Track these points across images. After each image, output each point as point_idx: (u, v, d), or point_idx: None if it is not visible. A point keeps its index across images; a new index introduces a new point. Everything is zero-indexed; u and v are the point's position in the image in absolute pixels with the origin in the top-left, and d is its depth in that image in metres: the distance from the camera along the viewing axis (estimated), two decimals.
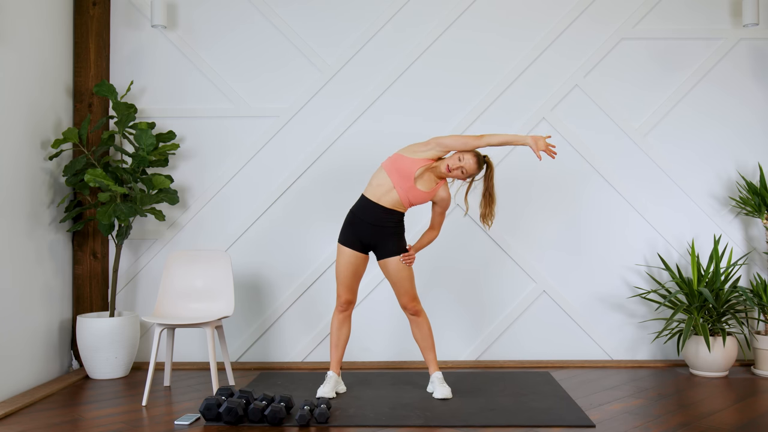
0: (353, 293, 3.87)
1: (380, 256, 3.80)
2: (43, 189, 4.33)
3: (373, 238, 3.76)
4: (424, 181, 3.72)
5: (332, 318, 3.92)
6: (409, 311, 3.87)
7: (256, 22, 4.82)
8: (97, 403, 3.84)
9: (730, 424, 3.34)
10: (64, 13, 4.60)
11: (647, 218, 4.74)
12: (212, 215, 4.79)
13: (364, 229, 3.75)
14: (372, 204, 3.74)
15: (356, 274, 3.82)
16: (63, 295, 4.55)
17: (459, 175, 3.69)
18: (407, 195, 3.70)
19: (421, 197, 3.73)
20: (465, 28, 4.80)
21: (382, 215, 3.73)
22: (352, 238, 3.78)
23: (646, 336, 4.71)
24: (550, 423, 3.36)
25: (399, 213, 3.78)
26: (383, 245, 3.77)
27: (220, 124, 4.80)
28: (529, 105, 4.78)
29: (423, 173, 3.71)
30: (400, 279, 3.80)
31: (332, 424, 3.37)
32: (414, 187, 3.69)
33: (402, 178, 3.68)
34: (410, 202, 3.74)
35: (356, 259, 3.79)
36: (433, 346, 3.92)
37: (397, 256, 3.77)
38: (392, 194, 3.71)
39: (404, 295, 3.83)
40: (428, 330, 3.90)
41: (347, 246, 3.78)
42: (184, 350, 4.72)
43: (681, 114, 4.77)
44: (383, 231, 3.75)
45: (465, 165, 3.67)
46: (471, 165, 3.68)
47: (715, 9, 4.78)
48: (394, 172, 3.69)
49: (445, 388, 3.82)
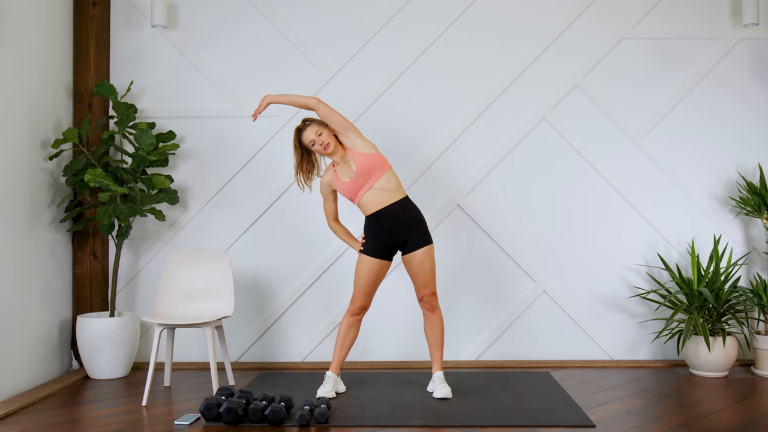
0: (369, 300, 3.89)
1: (409, 250, 3.81)
2: (43, 189, 4.33)
3: (402, 236, 3.79)
4: (347, 161, 3.81)
5: (342, 319, 3.92)
6: (426, 305, 3.87)
7: (256, 22, 4.82)
8: (97, 403, 3.84)
9: (730, 424, 3.34)
10: (63, 13, 4.60)
11: (647, 218, 4.74)
12: (212, 215, 4.80)
13: (390, 234, 3.79)
14: (385, 212, 3.76)
15: (377, 281, 3.86)
16: (63, 295, 4.55)
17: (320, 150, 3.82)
18: (370, 176, 3.75)
19: (367, 164, 3.75)
20: (464, 29, 4.80)
21: (401, 212, 3.78)
22: (379, 247, 3.81)
23: (646, 336, 4.71)
24: (550, 423, 3.36)
25: (402, 198, 3.81)
26: (411, 237, 3.80)
27: (220, 124, 4.80)
28: (529, 105, 4.78)
29: (340, 159, 3.82)
30: (424, 271, 3.81)
31: (332, 424, 3.37)
32: (365, 171, 3.76)
33: (363, 176, 3.74)
34: (372, 176, 3.76)
35: (379, 267, 3.83)
36: (441, 345, 3.93)
37: (423, 247, 3.79)
38: (376, 193, 3.75)
39: (425, 287, 3.83)
40: (440, 328, 3.91)
41: (373, 256, 3.81)
42: (184, 350, 4.72)
43: (681, 114, 4.77)
44: (408, 223, 3.79)
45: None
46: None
47: (715, 9, 4.78)
48: (361, 182, 3.76)
49: (445, 388, 3.82)
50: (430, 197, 4.71)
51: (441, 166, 4.77)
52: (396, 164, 4.60)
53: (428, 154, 4.76)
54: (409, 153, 4.76)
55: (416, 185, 4.73)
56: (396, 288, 4.66)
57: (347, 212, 4.41)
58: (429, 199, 4.70)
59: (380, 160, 3.78)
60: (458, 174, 4.76)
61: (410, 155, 4.76)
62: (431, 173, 4.77)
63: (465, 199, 4.76)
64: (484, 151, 4.78)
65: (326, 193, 3.94)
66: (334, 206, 3.98)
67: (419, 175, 4.75)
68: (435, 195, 4.75)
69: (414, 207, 3.87)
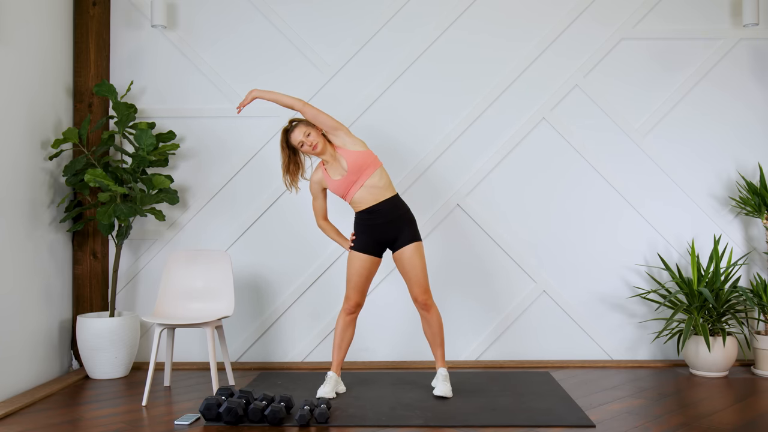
0: (363, 297, 3.90)
1: (398, 247, 3.81)
2: (43, 189, 4.33)
3: (393, 232, 3.80)
4: (337, 159, 3.81)
5: (338, 319, 3.93)
6: (420, 304, 3.87)
7: (256, 22, 4.82)
8: (97, 403, 3.84)
9: (730, 424, 3.34)
10: (63, 13, 4.59)
11: (647, 218, 4.74)
12: (212, 215, 4.80)
13: (381, 230, 3.79)
14: (377, 208, 3.77)
15: (369, 277, 3.87)
16: (63, 295, 4.55)
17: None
18: (362, 173, 3.75)
19: (359, 161, 3.75)
20: (465, 29, 4.80)
21: (392, 209, 3.79)
22: (371, 243, 3.82)
23: (646, 336, 4.71)
24: (550, 423, 3.36)
25: (393, 196, 3.82)
26: (402, 234, 3.81)
27: (220, 124, 4.80)
28: (529, 105, 4.78)
29: (330, 158, 3.83)
30: (413, 267, 3.81)
31: (332, 424, 3.37)
32: (358, 169, 3.76)
33: (354, 173, 3.75)
34: (363, 173, 3.77)
35: (371, 263, 3.84)
36: (442, 343, 3.93)
37: (412, 243, 3.80)
38: (368, 190, 3.76)
39: (417, 285, 3.83)
40: (439, 326, 3.90)
41: (365, 252, 3.82)
42: (184, 350, 4.72)
43: (681, 114, 4.77)
44: (399, 220, 3.81)
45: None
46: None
47: (715, 9, 4.78)
48: (353, 179, 3.76)
49: (445, 386, 3.83)
50: (430, 197, 4.71)
51: (441, 166, 4.77)
52: (396, 164, 4.61)
53: (428, 153, 4.76)
54: (409, 153, 4.75)
55: (416, 185, 4.73)
56: (394, 288, 4.66)
57: (336, 211, 4.40)
58: (429, 199, 4.70)
59: (371, 157, 3.79)
60: (458, 174, 4.76)
61: (410, 155, 4.76)
62: (431, 173, 4.76)
63: (465, 199, 4.76)
64: (484, 151, 4.78)
65: (316, 191, 3.94)
66: (323, 204, 3.99)
67: (419, 174, 4.75)
68: (435, 195, 4.75)
69: (404, 205, 3.89)
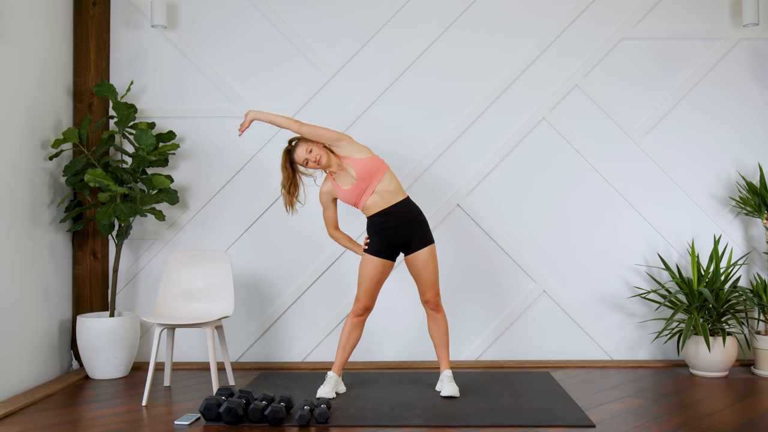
0: (373, 300, 3.90)
1: (412, 250, 3.82)
2: (43, 189, 4.33)
3: (406, 236, 3.80)
4: (344, 169, 3.80)
5: (346, 320, 3.93)
6: (430, 306, 3.88)
7: (256, 22, 4.82)
8: (97, 403, 3.84)
9: (730, 424, 3.34)
10: (63, 13, 4.59)
11: (647, 218, 4.74)
12: (212, 215, 4.80)
13: (394, 233, 3.79)
14: (389, 211, 3.77)
15: (381, 281, 3.87)
16: (63, 295, 4.55)
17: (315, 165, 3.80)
18: (372, 179, 3.75)
19: (367, 168, 3.74)
20: (464, 29, 4.80)
21: (404, 212, 3.79)
22: (384, 246, 3.82)
23: (646, 336, 4.71)
24: (550, 423, 3.36)
25: (404, 198, 3.82)
26: (415, 237, 3.81)
27: (220, 124, 4.80)
28: (529, 105, 4.78)
29: (338, 168, 3.81)
30: (427, 270, 3.82)
31: (332, 424, 3.37)
32: (366, 176, 3.76)
33: (364, 180, 3.74)
34: (373, 179, 3.76)
35: (383, 267, 3.84)
36: (447, 344, 3.94)
37: (426, 247, 3.81)
38: (379, 196, 3.76)
39: (430, 288, 3.85)
40: (445, 327, 3.93)
41: (378, 256, 3.82)
42: (184, 350, 4.72)
43: (681, 114, 4.77)
44: (411, 223, 3.81)
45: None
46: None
47: (715, 9, 4.78)
48: (364, 187, 3.76)
49: (452, 387, 3.83)
50: (430, 197, 4.71)
51: (441, 166, 4.77)
52: (396, 164, 4.60)
53: (428, 153, 4.76)
54: (409, 153, 4.76)
55: (417, 185, 4.73)
56: (397, 288, 4.66)
57: (341, 217, 4.41)
58: (429, 199, 4.70)
59: (378, 162, 3.78)
60: (458, 174, 4.77)
61: (410, 155, 4.76)
62: (431, 173, 4.77)
63: (465, 199, 4.76)
64: (484, 151, 4.78)
65: (326, 201, 3.93)
66: (334, 215, 3.98)
67: (419, 174, 4.75)
68: (435, 195, 4.75)
69: (416, 207, 3.89)
